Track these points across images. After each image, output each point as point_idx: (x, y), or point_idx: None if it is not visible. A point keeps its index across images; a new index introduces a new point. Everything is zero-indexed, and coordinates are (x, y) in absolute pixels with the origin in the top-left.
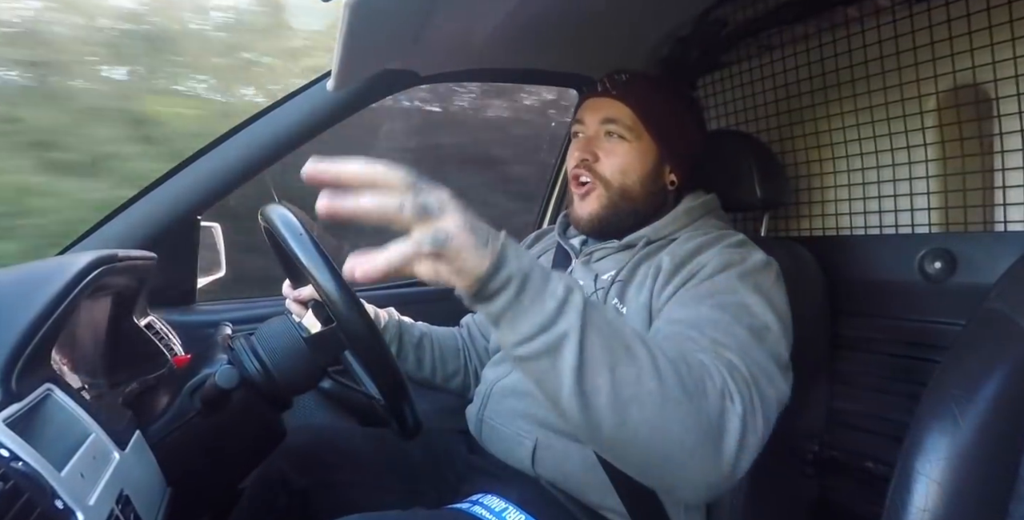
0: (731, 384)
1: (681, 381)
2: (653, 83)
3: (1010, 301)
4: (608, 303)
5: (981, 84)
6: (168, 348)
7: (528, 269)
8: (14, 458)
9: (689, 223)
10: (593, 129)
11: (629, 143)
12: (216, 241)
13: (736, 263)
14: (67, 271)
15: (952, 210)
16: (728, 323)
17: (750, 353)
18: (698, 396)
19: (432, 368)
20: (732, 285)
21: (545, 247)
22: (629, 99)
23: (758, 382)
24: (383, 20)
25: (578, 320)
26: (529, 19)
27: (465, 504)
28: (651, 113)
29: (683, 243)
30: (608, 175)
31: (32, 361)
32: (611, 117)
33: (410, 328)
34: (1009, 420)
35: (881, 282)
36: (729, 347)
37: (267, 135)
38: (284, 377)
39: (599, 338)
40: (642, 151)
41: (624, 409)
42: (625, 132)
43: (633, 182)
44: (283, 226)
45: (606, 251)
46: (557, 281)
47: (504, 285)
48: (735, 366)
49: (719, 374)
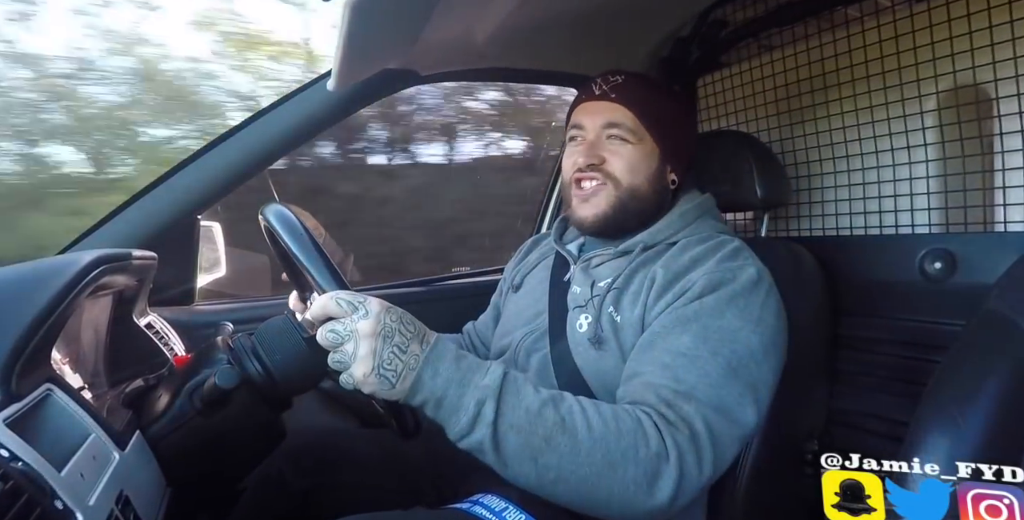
0: (669, 443)
1: (607, 456)
2: (650, 84)
3: (1010, 301)
4: (604, 311)
5: (981, 84)
6: (168, 348)
7: (441, 392)
8: (14, 458)
9: (685, 226)
10: (595, 133)
11: (633, 145)
12: (216, 241)
13: (727, 282)
14: (68, 271)
15: (952, 210)
16: (705, 360)
17: (718, 393)
18: (624, 465)
19: None
20: (719, 308)
21: (543, 253)
22: (629, 102)
23: (712, 429)
24: (383, 20)
25: (489, 430)
26: (529, 19)
27: (465, 504)
28: (652, 115)
29: (678, 254)
30: (618, 174)
31: (32, 361)
32: (613, 121)
33: None
34: (1009, 420)
35: (881, 282)
36: (692, 395)
37: (267, 134)
38: (284, 377)
39: (516, 438)
40: (646, 152)
41: (552, 487)
42: (628, 135)
43: (641, 182)
44: (283, 226)
45: (603, 257)
46: (471, 396)
47: (422, 404)
48: (685, 420)
49: (656, 437)
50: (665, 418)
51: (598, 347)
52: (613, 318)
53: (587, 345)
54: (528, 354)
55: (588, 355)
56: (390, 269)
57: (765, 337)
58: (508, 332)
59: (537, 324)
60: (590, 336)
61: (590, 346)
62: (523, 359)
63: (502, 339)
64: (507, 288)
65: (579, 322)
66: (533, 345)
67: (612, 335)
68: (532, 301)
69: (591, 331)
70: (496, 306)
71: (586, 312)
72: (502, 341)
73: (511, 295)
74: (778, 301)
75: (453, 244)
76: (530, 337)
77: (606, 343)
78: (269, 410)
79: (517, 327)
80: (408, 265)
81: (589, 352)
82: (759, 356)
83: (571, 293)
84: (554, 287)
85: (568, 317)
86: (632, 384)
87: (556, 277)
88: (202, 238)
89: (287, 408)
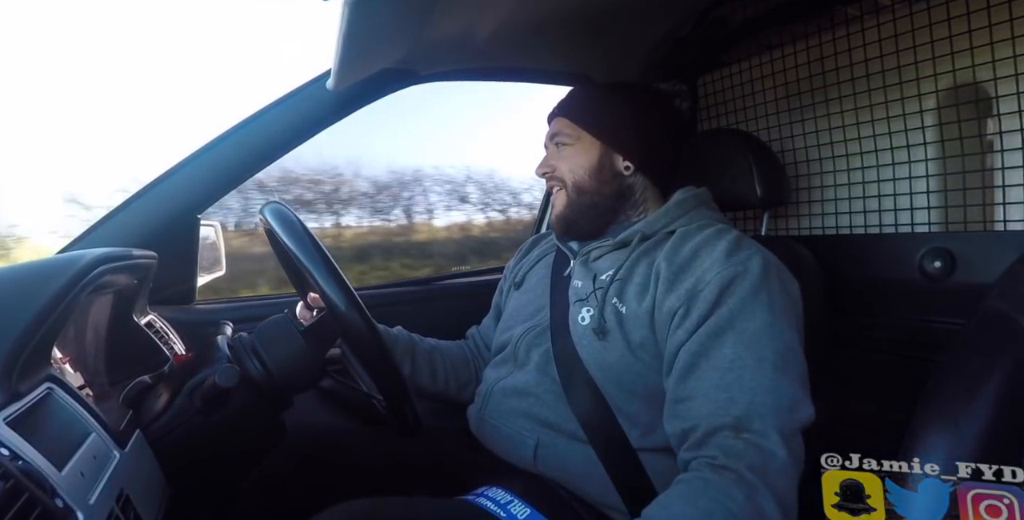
0: (751, 478)
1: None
2: (587, 90)
3: (1010, 300)
4: (608, 302)
5: (981, 83)
6: (168, 347)
7: None
8: (14, 457)
9: (681, 215)
10: (549, 147)
11: (571, 146)
12: (216, 240)
13: (740, 276)
14: (68, 269)
15: (952, 209)
16: (752, 368)
17: (775, 398)
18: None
19: (446, 379)
20: (747, 308)
21: (544, 251)
22: (564, 111)
23: (782, 433)
24: (383, 19)
25: None
26: (529, 18)
27: (470, 495)
28: (584, 114)
29: (679, 244)
30: (564, 176)
31: (33, 359)
32: (555, 131)
33: (421, 342)
34: (1009, 420)
35: (881, 281)
36: (751, 413)
37: (267, 133)
38: (284, 375)
39: None
40: (584, 149)
41: None
42: (566, 139)
43: (581, 176)
44: (283, 225)
45: (602, 250)
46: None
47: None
48: (757, 445)
49: (735, 486)
50: (734, 454)
51: (602, 338)
52: (617, 309)
53: (591, 336)
54: (528, 349)
55: (592, 347)
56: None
57: (792, 321)
58: (509, 328)
59: (538, 320)
60: (594, 327)
61: (594, 337)
62: (523, 354)
63: (503, 335)
64: (508, 286)
65: (581, 315)
66: (534, 340)
67: (616, 326)
68: (533, 297)
69: (594, 322)
70: (498, 306)
71: (588, 305)
72: (502, 337)
73: (512, 293)
74: (788, 276)
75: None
76: (531, 333)
77: (610, 334)
78: (269, 409)
79: (518, 323)
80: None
81: (593, 343)
82: (794, 343)
83: (572, 287)
84: (555, 283)
85: (570, 311)
86: (687, 410)
87: (557, 273)
88: (202, 237)
89: (287, 407)
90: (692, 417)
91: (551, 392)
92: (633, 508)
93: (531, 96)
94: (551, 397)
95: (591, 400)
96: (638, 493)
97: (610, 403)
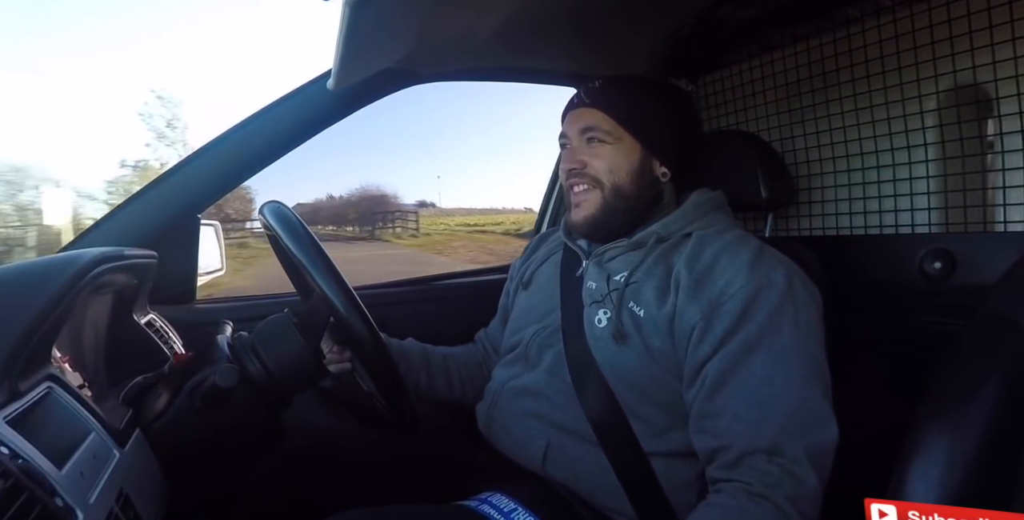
0: (787, 509)
1: None
2: (626, 84)
3: (1010, 302)
4: (624, 306)
5: (981, 84)
6: (168, 346)
7: None
8: (14, 456)
9: (699, 217)
10: (576, 140)
11: (611, 145)
12: (216, 239)
13: (765, 289)
14: (68, 269)
15: (952, 210)
16: (781, 386)
17: (804, 416)
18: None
19: (462, 386)
20: (775, 324)
21: (550, 250)
22: (603, 105)
23: (811, 448)
24: (383, 19)
25: None
26: (529, 19)
27: (473, 502)
28: (627, 113)
29: (698, 248)
30: (600, 176)
31: (33, 359)
32: (589, 125)
33: (433, 352)
34: (1009, 420)
35: (881, 282)
36: (782, 432)
37: (267, 133)
38: (284, 375)
39: None
40: (625, 150)
41: None
42: (604, 136)
43: (622, 180)
44: (283, 225)
45: (617, 250)
46: None
47: None
48: (790, 472)
49: (776, 516)
50: (769, 482)
51: (621, 342)
52: (635, 312)
53: (608, 340)
54: (540, 350)
55: (608, 350)
56: None
57: (815, 331)
58: (519, 329)
59: (550, 320)
60: (612, 331)
61: (612, 341)
62: (535, 355)
63: (513, 336)
64: (515, 286)
65: (597, 317)
66: (546, 341)
67: (634, 329)
68: (543, 298)
69: (612, 326)
70: (504, 308)
71: (604, 307)
72: (513, 338)
73: (520, 292)
74: (808, 284)
75: None
76: (543, 333)
77: (629, 337)
78: (269, 409)
79: (529, 324)
80: None
81: (610, 346)
82: (820, 354)
83: (586, 288)
84: (565, 283)
85: (585, 313)
86: (716, 427)
87: (567, 273)
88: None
89: (287, 407)
90: (723, 435)
91: (562, 393)
92: (641, 513)
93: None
94: (562, 398)
95: (604, 402)
96: (647, 497)
97: (623, 406)
